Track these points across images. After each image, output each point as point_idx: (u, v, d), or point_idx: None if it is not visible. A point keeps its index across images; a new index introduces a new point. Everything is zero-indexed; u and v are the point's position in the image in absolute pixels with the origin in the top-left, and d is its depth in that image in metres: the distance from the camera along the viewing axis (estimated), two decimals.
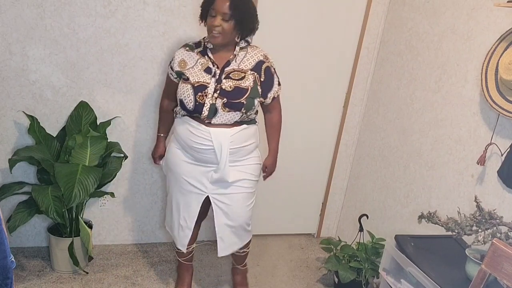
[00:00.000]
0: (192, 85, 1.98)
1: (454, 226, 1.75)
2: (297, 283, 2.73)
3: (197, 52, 2.05)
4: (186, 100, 1.99)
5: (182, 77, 2.03)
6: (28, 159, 2.31)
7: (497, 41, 1.91)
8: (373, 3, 2.84)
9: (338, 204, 3.29)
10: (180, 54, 2.06)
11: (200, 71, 2.01)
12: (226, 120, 2.00)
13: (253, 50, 2.07)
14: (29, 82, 2.39)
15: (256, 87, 2.02)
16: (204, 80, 1.99)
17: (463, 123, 2.17)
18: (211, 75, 2.00)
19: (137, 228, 2.88)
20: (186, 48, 2.07)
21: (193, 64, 2.03)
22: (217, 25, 1.91)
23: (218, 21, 1.91)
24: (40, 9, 2.29)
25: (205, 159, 2.05)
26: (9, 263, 1.26)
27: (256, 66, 2.04)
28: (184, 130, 2.06)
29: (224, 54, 2.03)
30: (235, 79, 2.00)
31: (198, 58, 2.04)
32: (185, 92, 2.00)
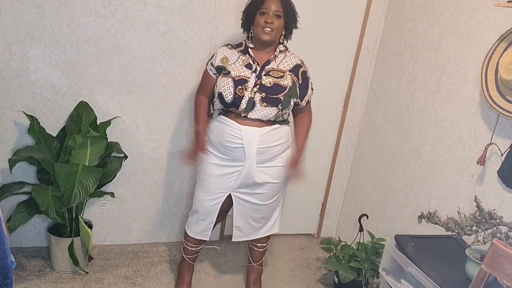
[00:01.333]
0: (233, 79, 2.06)
1: (454, 226, 1.75)
2: (297, 283, 2.73)
3: (238, 51, 2.14)
4: (225, 92, 2.05)
5: (223, 71, 2.10)
6: (28, 159, 2.31)
7: (497, 41, 1.91)
8: (373, 3, 2.84)
9: (338, 204, 3.29)
10: (222, 51, 2.15)
11: (242, 66, 2.09)
12: (262, 115, 2.06)
13: (291, 54, 2.19)
14: (29, 82, 2.39)
15: (294, 87, 2.11)
16: (244, 74, 2.07)
17: (463, 123, 2.17)
18: (251, 70, 2.08)
19: (137, 228, 2.88)
20: (228, 46, 2.16)
21: (235, 60, 2.12)
22: (270, 22, 2.02)
23: (272, 18, 2.02)
24: (40, 9, 2.29)
25: (234, 156, 2.11)
26: (9, 263, 1.26)
27: (294, 69, 2.15)
28: (217, 129, 2.13)
29: (265, 54, 2.13)
30: (275, 77, 2.08)
31: (240, 56, 2.13)
32: (225, 85, 2.06)
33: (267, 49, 2.13)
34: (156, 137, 2.71)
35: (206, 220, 2.27)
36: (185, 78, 2.64)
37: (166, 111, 2.67)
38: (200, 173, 2.25)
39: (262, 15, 2.04)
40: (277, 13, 2.04)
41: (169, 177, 2.81)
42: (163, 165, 2.77)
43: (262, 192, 2.20)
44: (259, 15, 2.04)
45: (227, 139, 2.09)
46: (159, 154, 2.75)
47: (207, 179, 2.20)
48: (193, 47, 2.60)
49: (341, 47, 2.90)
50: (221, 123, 2.12)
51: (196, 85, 2.66)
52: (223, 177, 2.17)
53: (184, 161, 2.39)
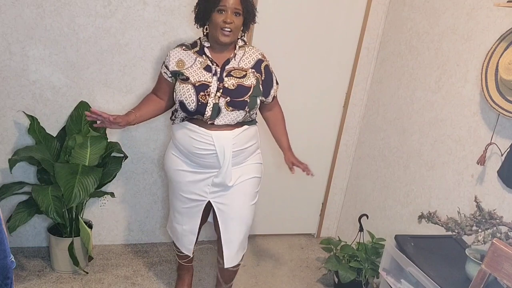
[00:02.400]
0: (193, 85, 1.89)
1: (454, 226, 1.75)
2: (297, 283, 2.73)
3: (194, 52, 1.96)
4: (187, 100, 1.89)
5: (180, 77, 1.93)
6: (28, 159, 2.31)
7: (497, 41, 1.91)
8: (373, 3, 2.84)
9: (338, 204, 3.29)
10: (176, 53, 1.96)
11: (200, 70, 1.92)
12: (229, 120, 1.92)
13: (250, 49, 2.03)
14: (29, 82, 2.39)
15: (258, 85, 1.97)
16: (205, 79, 1.90)
17: (463, 123, 2.17)
18: (211, 73, 1.91)
19: (137, 228, 2.87)
20: (183, 48, 1.98)
21: (192, 63, 1.94)
22: (230, 21, 1.83)
23: (231, 17, 1.83)
24: (40, 9, 2.29)
25: (206, 164, 1.98)
26: (9, 263, 1.26)
27: (255, 65, 2.00)
28: (183, 136, 1.98)
29: (223, 53, 1.96)
30: (237, 77, 1.93)
31: (196, 57, 1.95)
32: (185, 92, 1.90)
33: (225, 47, 1.95)
34: (156, 137, 2.71)
35: (188, 233, 2.17)
36: None
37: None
38: (172, 183, 2.12)
39: (219, 12, 1.83)
40: (236, 11, 1.84)
41: None
42: (163, 165, 2.77)
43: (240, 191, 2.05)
44: (216, 13, 1.83)
45: (197, 146, 1.94)
46: (159, 154, 2.75)
47: (181, 188, 2.07)
48: None
49: (341, 47, 2.90)
50: (188, 130, 1.95)
51: None
52: (198, 183, 2.04)
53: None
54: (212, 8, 1.84)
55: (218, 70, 1.92)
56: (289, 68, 2.82)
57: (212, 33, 1.89)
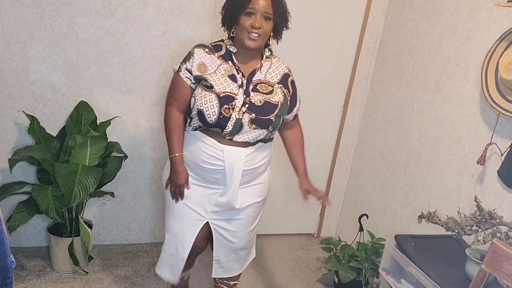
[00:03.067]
0: (217, 95, 1.68)
1: (454, 226, 1.75)
2: (297, 283, 2.73)
3: (218, 56, 1.76)
4: (208, 111, 1.69)
5: (203, 83, 1.71)
6: (28, 159, 2.31)
7: (497, 41, 1.91)
8: (373, 3, 2.84)
9: (338, 204, 3.29)
10: (199, 55, 1.74)
11: (225, 78, 1.72)
12: (249, 138, 1.75)
13: (277, 61, 1.86)
14: (29, 82, 2.39)
15: (286, 103, 1.81)
16: (231, 90, 1.70)
17: (463, 123, 2.17)
18: (237, 84, 1.72)
19: (137, 228, 2.87)
20: (206, 50, 1.76)
21: (215, 69, 1.73)
22: (258, 26, 1.65)
23: (260, 21, 1.66)
24: (40, 9, 2.29)
25: (212, 180, 1.81)
26: (9, 263, 1.26)
27: (282, 79, 1.82)
28: (192, 146, 1.80)
29: (249, 61, 1.78)
30: (264, 93, 1.75)
31: (221, 63, 1.74)
32: (207, 102, 1.69)
33: (252, 54, 1.78)
34: (156, 137, 2.71)
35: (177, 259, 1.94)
36: None
37: None
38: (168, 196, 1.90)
39: (248, 15, 1.66)
40: (266, 15, 1.67)
41: None
42: (163, 165, 2.77)
43: (243, 218, 1.90)
44: (244, 16, 1.67)
45: (204, 159, 1.76)
46: (159, 154, 2.75)
47: (180, 203, 1.86)
48: None
49: (341, 47, 2.90)
50: (199, 141, 1.77)
51: None
52: (200, 198, 1.84)
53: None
54: (240, 10, 1.68)
55: (245, 82, 1.74)
56: (289, 68, 2.81)
57: (239, 37, 1.71)
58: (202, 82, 1.72)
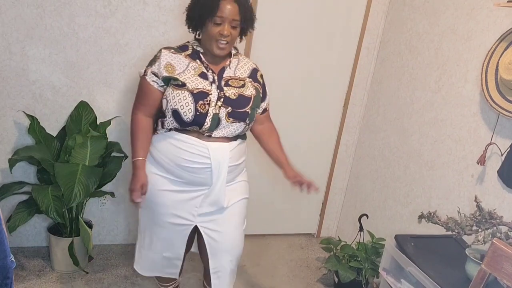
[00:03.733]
0: (191, 92, 1.68)
1: (454, 226, 1.75)
2: (297, 283, 2.73)
3: (185, 55, 1.76)
4: (183, 109, 1.67)
5: (173, 83, 1.71)
6: (28, 159, 2.32)
7: (497, 41, 1.91)
8: (373, 3, 2.84)
9: (338, 204, 3.29)
10: (165, 56, 1.73)
11: (195, 76, 1.72)
12: (228, 133, 1.75)
13: (244, 58, 1.89)
14: (29, 82, 2.39)
15: (258, 95, 1.83)
16: (203, 86, 1.70)
17: (463, 123, 2.17)
18: (209, 81, 1.73)
19: (136, 228, 2.87)
20: (171, 51, 1.76)
21: (184, 68, 1.72)
22: (227, 35, 1.67)
23: (228, 30, 1.66)
24: (40, 9, 2.29)
25: (196, 180, 1.76)
26: (9, 263, 1.26)
27: (251, 74, 1.85)
28: (169, 147, 1.74)
29: (217, 60, 1.78)
30: (236, 87, 1.77)
31: (189, 62, 1.74)
32: (181, 100, 1.68)
33: None
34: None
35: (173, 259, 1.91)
36: None
37: None
38: (151, 207, 1.82)
39: (215, 24, 1.66)
40: (233, 23, 1.68)
41: None
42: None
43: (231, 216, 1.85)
44: (212, 24, 1.66)
45: (189, 158, 1.71)
46: None
47: (162, 211, 1.80)
48: None
49: (341, 47, 2.90)
50: (177, 141, 1.73)
51: None
52: (184, 204, 1.79)
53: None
54: (207, 17, 1.67)
55: (216, 78, 1.75)
56: (289, 68, 2.82)
57: (206, 43, 1.73)
58: (171, 82, 1.71)
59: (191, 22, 1.77)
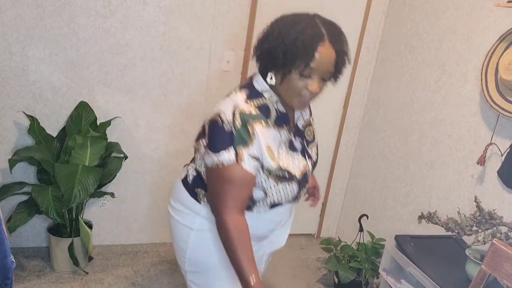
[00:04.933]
0: (298, 182, 1.36)
1: (454, 226, 1.75)
2: (297, 283, 2.73)
3: (272, 125, 1.32)
4: (286, 199, 1.39)
5: (275, 172, 1.31)
6: (28, 159, 2.31)
7: (497, 41, 1.91)
8: (373, 3, 2.84)
9: (338, 204, 3.29)
10: (261, 134, 1.27)
11: (290, 153, 1.36)
12: None
13: None
14: (29, 82, 2.39)
15: None
16: (303, 166, 1.39)
17: (463, 123, 2.17)
18: (299, 152, 1.40)
19: (137, 228, 2.87)
20: (262, 123, 1.29)
21: (277, 146, 1.32)
22: (316, 92, 1.28)
23: (318, 86, 1.27)
24: (40, 9, 2.29)
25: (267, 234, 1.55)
26: (9, 263, 1.26)
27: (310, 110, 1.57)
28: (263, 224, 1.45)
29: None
30: (312, 141, 1.51)
31: (279, 136, 1.33)
32: (288, 193, 1.37)
33: None
34: (156, 137, 2.71)
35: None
36: (185, 78, 2.64)
37: (166, 111, 2.67)
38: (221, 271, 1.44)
39: (303, 77, 1.25)
40: (325, 76, 1.29)
41: (169, 177, 2.81)
42: (163, 165, 2.77)
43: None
44: (299, 76, 1.25)
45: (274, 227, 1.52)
46: (159, 154, 2.75)
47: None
48: (193, 47, 2.60)
49: None
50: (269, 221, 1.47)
51: (196, 85, 2.67)
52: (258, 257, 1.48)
53: None
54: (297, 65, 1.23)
55: (303, 143, 1.43)
56: None
57: (284, 94, 1.31)
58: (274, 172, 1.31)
59: (270, 63, 1.29)
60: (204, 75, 2.65)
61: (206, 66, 2.65)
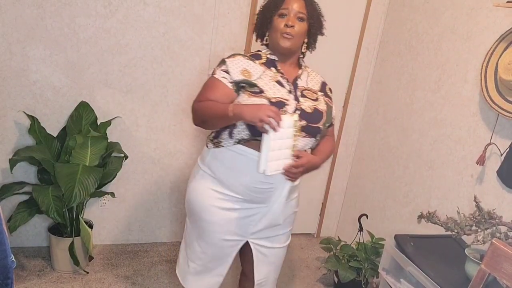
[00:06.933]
0: (269, 100, 1.54)
1: (454, 226, 1.75)
2: (297, 283, 2.73)
3: (259, 63, 1.65)
4: None
5: (249, 89, 1.57)
6: (29, 159, 2.32)
7: (497, 41, 1.92)
8: (373, 3, 2.84)
9: (338, 204, 3.29)
10: (239, 62, 1.62)
11: (273, 83, 1.61)
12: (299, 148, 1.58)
13: (312, 71, 1.80)
14: (30, 82, 2.39)
15: (329, 111, 1.71)
16: (281, 95, 1.58)
17: (462, 123, 2.17)
18: (286, 90, 1.62)
19: (137, 228, 2.88)
20: (245, 57, 1.66)
21: (259, 74, 1.62)
22: (292, 25, 1.60)
23: (293, 20, 1.61)
24: (41, 10, 2.29)
25: (258, 199, 1.65)
26: (10, 262, 1.26)
27: (322, 88, 1.75)
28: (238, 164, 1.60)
29: (291, 69, 1.70)
30: (312, 99, 1.66)
31: (264, 70, 1.64)
32: None
33: (289, 61, 1.70)
34: (156, 137, 2.71)
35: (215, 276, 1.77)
36: (185, 78, 2.64)
37: (166, 111, 2.67)
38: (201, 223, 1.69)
39: (281, 17, 1.62)
40: (299, 15, 1.63)
41: (169, 177, 2.81)
42: (163, 165, 2.78)
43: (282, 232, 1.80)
44: (277, 17, 1.62)
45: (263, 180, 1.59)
46: (159, 154, 2.75)
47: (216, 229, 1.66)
48: (193, 47, 2.60)
49: (341, 47, 2.90)
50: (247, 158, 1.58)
51: (196, 86, 2.67)
52: (239, 222, 1.67)
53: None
54: (273, 12, 1.64)
55: (292, 88, 1.64)
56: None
57: (273, 39, 1.65)
58: (246, 88, 1.57)
59: (259, 25, 1.71)
60: (204, 75, 2.66)
61: (206, 66, 2.65)
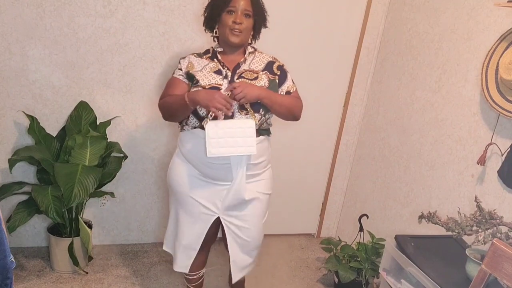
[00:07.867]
0: (203, 88, 1.79)
1: (454, 226, 1.75)
2: (297, 283, 2.73)
3: (206, 58, 1.91)
4: None
5: (193, 82, 1.84)
6: (28, 159, 2.31)
7: (497, 41, 1.91)
8: (373, 3, 2.84)
9: (338, 204, 3.29)
10: (188, 58, 1.92)
11: (210, 73, 1.84)
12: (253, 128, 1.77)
13: (260, 54, 1.97)
14: (29, 82, 2.39)
15: (273, 85, 1.87)
16: (215, 82, 1.81)
17: (463, 123, 2.17)
18: (222, 76, 1.84)
19: (137, 228, 2.87)
20: (194, 55, 1.94)
21: (201, 67, 1.87)
22: (240, 22, 1.79)
23: (241, 18, 1.79)
24: (40, 9, 2.29)
25: (218, 176, 1.86)
26: (9, 263, 1.26)
27: (267, 66, 1.92)
28: (194, 145, 1.85)
29: (234, 57, 1.90)
30: (249, 79, 1.84)
31: (208, 63, 1.89)
32: None
33: (237, 52, 1.90)
34: (156, 137, 2.71)
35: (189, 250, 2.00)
36: None
37: None
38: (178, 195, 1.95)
39: (229, 13, 1.80)
40: (246, 12, 1.81)
41: None
42: (163, 165, 2.77)
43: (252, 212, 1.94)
44: (226, 14, 1.80)
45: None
46: (159, 154, 2.75)
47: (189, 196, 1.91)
48: (193, 47, 2.59)
49: (341, 47, 2.90)
50: (200, 138, 1.79)
51: None
52: (210, 194, 1.90)
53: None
54: (221, 9, 1.82)
55: (229, 73, 1.85)
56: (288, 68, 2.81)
57: (222, 34, 1.86)
58: (192, 79, 1.85)
59: (208, 20, 1.91)
60: None
61: None
